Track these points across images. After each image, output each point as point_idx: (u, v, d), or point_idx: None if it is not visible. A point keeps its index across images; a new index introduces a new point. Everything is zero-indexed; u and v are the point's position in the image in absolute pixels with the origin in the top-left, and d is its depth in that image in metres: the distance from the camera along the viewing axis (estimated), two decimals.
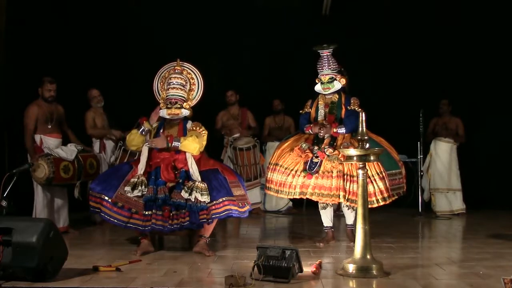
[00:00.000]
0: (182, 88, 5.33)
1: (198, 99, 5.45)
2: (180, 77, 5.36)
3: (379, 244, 5.37)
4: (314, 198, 5.21)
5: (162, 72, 5.49)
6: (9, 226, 3.92)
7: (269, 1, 8.43)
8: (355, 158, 4.35)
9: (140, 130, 5.21)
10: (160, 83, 5.47)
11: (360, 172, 4.34)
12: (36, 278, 3.92)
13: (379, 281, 4.05)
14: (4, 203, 4.86)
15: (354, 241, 4.54)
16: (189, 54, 5.69)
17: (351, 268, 4.20)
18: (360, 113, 4.45)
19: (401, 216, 7.33)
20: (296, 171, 5.24)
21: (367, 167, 4.98)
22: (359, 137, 4.36)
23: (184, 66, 5.49)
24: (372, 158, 4.34)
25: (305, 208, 7.87)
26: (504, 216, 7.58)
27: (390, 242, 5.59)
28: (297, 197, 5.30)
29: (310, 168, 5.19)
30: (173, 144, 5.11)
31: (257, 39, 8.50)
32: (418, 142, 7.64)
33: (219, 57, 8.58)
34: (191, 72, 5.48)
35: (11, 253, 3.87)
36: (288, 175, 5.27)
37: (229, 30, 8.49)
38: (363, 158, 4.31)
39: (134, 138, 5.24)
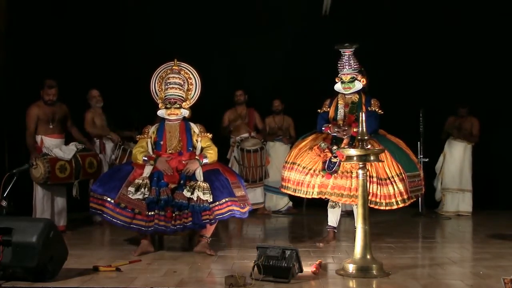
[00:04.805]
0: (180, 87, 5.34)
1: (196, 99, 5.46)
2: (178, 77, 5.37)
3: (379, 244, 5.37)
4: (333, 198, 5.19)
5: (159, 72, 5.48)
6: (9, 226, 3.92)
7: (268, 2, 8.42)
8: (355, 158, 4.35)
9: (144, 160, 5.16)
10: (157, 83, 5.46)
11: (360, 172, 4.34)
12: (36, 278, 3.92)
13: (379, 281, 4.06)
14: (4, 203, 4.86)
15: None
16: (189, 54, 5.68)
17: (351, 268, 4.21)
18: (361, 113, 4.43)
19: (401, 216, 7.32)
20: (314, 171, 5.20)
21: (387, 168, 5.03)
22: (359, 137, 4.36)
23: (181, 66, 5.48)
24: (372, 158, 4.33)
25: (305, 208, 7.86)
26: (504, 216, 7.57)
27: (390, 242, 5.59)
28: (316, 196, 5.25)
29: (329, 168, 5.14)
30: (203, 162, 5.15)
31: (256, 40, 8.47)
32: (418, 142, 7.63)
33: (219, 58, 8.57)
34: (188, 72, 5.48)
35: (11, 253, 3.87)
36: (307, 174, 5.23)
37: (228, 30, 8.48)
38: (363, 158, 4.31)
39: (139, 160, 5.21)
